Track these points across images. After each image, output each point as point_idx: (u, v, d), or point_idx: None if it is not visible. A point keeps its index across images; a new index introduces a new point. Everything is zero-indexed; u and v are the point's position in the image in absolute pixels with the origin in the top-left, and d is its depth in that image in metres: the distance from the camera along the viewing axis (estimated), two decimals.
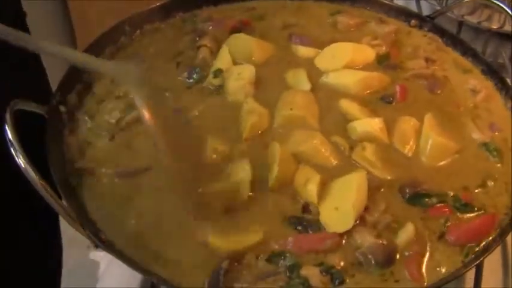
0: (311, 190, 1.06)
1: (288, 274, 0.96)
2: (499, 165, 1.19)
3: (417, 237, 1.03)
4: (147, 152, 1.14)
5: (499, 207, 1.11)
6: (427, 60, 1.42)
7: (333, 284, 0.96)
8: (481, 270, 1.18)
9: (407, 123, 1.22)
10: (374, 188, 1.08)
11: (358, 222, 1.03)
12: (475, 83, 1.37)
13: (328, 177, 1.10)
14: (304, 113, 1.20)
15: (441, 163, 1.17)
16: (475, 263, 1.01)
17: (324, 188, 1.07)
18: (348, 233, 1.02)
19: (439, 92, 1.34)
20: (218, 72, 1.30)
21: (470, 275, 1.18)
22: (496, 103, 1.34)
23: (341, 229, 1.01)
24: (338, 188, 1.06)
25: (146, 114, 1.02)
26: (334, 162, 1.14)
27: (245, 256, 0.98)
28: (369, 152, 1.15)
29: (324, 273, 0.96)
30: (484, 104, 1.33)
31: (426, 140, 1.19)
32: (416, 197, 1.10)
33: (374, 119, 1.21)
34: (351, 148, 1.17)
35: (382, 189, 1.10)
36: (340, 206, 1.03)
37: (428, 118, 1.22)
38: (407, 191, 1.10)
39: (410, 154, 1.19)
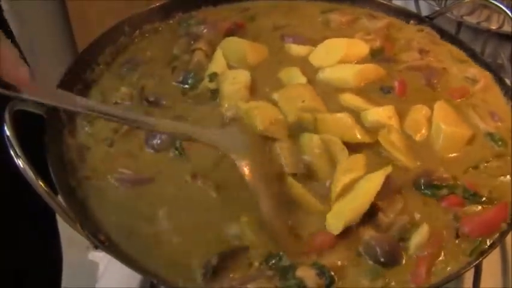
0: (333, 190, 1.06)
1: (279, 275, 0.96)
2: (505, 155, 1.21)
3: (432, 237, 1.02)
4: (148, 160, 1.15)
5: (504, 196, 1.12)
6: (421, 51, 1.43)
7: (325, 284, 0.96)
8: (480, 270, 1.19)
9: (418, 112, 1.23)
10: (395, 186, 1.08)
11: (362, 224, 1.03)
12: (474, 72, 1.38)
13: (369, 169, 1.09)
14: (316, 104, 1.20)
15: (453, 154, 1.18)
16: (474, 263, 1.01)
17: (351, 186, 1.06)
18: (352, 232, 1.02)
19: (435, 82, 1.35)
20: (213, 76, 1.29)
21: (469, 275, 1.18)
22: (495, 93, 1.35)
23: (333, 231, 1.01)
24: (355, 188, 1.05)
25: (249, 180, 1.04)
26: (366, 140, 1.14)
27: (240, 256, 0.98)
28: (395, 136, 1.16)
29: (320, 276, 0.96)
30: (483, 93, 1.34)
31: (438, 131, 1.19)
32: (430, 188, 1.11)
33: (384, 107, 1.22)
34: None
35: (402, 187, 1.10)
36: (341, 208, 1.03)
37: (438, 107, 1.23)
38: (422, 182, 1.11)
39: (422, 143, 1.20)
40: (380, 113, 1.21)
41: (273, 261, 0.98)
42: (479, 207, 1.09)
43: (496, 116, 1.28)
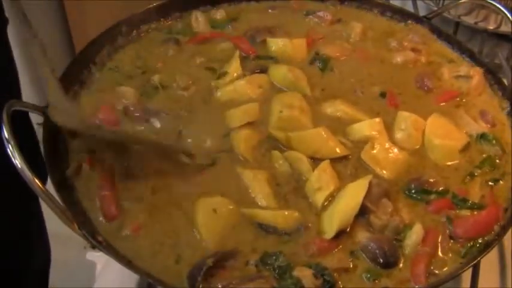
0: (318, 200, 1.07)
1: (276, 275, 0.96)
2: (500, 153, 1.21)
3: (426, 236, 1.03)
4: None
5: (498, 197, 1.12)
6: (413, 50, 1.43)
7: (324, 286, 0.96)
8: (477, 270, 1.18)
9: (406, 122, 1.22)
10: (381, 191, 1.07)
11: (356, 227, 1.03)
12: (466, 69, 1.37)
13: (344, 180, 1.10)
14: (298, 114, 1.20)
15: (450, 163, 1.18)
16: (473, 263, 1.01)
17: (334, 195, 1.08)
18: (348, 235, 1.03)
19: (429, 83, 1.35)
20: (223, 75, 1.31)
21: (467, 274, 1.18)
22: (487, 91, 1.35)
23: (326, 236, 1.02)
24: (340, 195, 1.07)
25: None
26: (344, 152, 1.15)
27: (237, 255, 0.99)
28: (378, 151, 1.16)
29: (317, 276, 0.95)
30: (476, 91, 1.34)
31: (430, 145, 1.19)
32: (419, 193, 1.11)
33: (371, 121, 1.21)
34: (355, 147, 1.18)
35: (390, 191, 1.09)
36: (331, 215, 1.04)
37: (431, 120, 1.23)
38: (412, 187, 1.11)
39: (415, 152, 1.19)
40: (367, 127, 1.20)
41: (269, 261, 0.98)
42: (468, 212, 1.09)
43: (488, 115, 1.28)
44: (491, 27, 1.75)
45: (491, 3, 1.44)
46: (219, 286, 0.94)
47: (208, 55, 1.39)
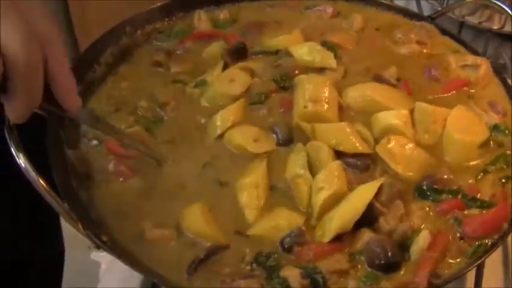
0: (317, 200, 1.04)
1: (266, 275, 0.96)
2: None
3: (434, 241, 1.00)
4: None
5: (509, 195, 1.10)
6: (418, 43, 1.43)
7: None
8: (482, 269, 1.18)
9: (425, 113, 1.20)
10: (394, 193, 1.05)
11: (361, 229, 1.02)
12: (473, 59, 1.36)
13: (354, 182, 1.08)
14: (324, 109, 1.18)
15: (469, 163, 1.16)
16: (477, 263, 1.00)
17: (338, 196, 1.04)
18: (351, 236, 1.01)
19: (437, 74, 1.34)
20: (201, 83, 1.29)
21: (471, 274, 1.18)
22: (495, 82, 1.34)
23: (324, 239, 1.00)
24: (348, 197, 1.03)
25: None
26: (366, 150, 1.12)
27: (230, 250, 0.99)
28: (395, 146, 1.13)
29: (304, 277, 0.93)
30: (484, 81, 1.33)
31: (450, 140, 1.16)
32: (431, 192, 1.09)
33: (400, 111, 1.18)
34: (376, 140, 1.16)
35: (403, 192, 1.07)
36: (332, 217, 1.01)
37: (453, 114, 1.19)
38: (424, 184, 1.09)
39: (431, 146, 1.17)
40: (393, 117, 1.17)
41: (261, 260, 0.98)
42: (478, 211, 1.07)
43: (498, 105, 1.26)
44: (495, 27, 1.75)
45: (495, 3, 1.43)
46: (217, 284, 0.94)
47: (194, 63, 1.37)
